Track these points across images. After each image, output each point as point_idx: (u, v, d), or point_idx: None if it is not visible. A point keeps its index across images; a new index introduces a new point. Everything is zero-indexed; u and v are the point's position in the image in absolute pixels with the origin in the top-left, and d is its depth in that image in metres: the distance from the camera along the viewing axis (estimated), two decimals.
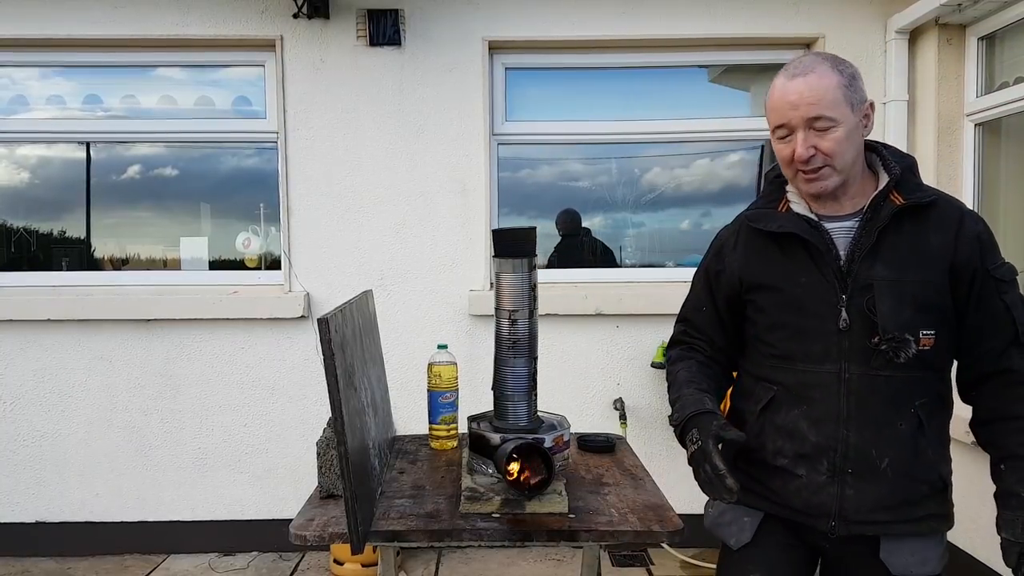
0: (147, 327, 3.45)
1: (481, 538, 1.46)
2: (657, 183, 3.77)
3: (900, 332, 1.39)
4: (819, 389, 1.45)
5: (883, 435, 1.42)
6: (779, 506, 1.52)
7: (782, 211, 1.52)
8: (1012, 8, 2.94)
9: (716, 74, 3.71)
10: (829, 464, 1.44)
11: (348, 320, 1.49)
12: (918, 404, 1.42)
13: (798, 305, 1.47)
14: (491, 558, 3.41)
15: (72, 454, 3.48)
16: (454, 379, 2.04)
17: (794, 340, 1.48)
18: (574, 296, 3.45)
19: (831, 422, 1.44)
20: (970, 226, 1.42)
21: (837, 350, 1.43)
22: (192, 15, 3.38)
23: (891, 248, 1.42)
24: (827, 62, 1.40)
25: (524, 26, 3.42)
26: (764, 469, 1.52)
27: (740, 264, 1.56)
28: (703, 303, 1.65)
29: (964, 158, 3.24)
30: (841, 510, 1.44)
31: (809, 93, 1.37)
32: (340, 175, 3.45)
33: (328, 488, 1.68)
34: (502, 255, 1.63)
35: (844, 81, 1.38)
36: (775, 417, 1.51)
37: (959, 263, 1.40)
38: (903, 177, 1.44)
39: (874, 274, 1.41)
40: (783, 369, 1.50)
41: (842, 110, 1.37)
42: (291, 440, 3.48)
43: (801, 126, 1.39)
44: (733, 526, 1.59)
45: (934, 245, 1.41)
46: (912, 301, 1.39)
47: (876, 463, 1.42)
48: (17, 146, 3.66)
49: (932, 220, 1.42)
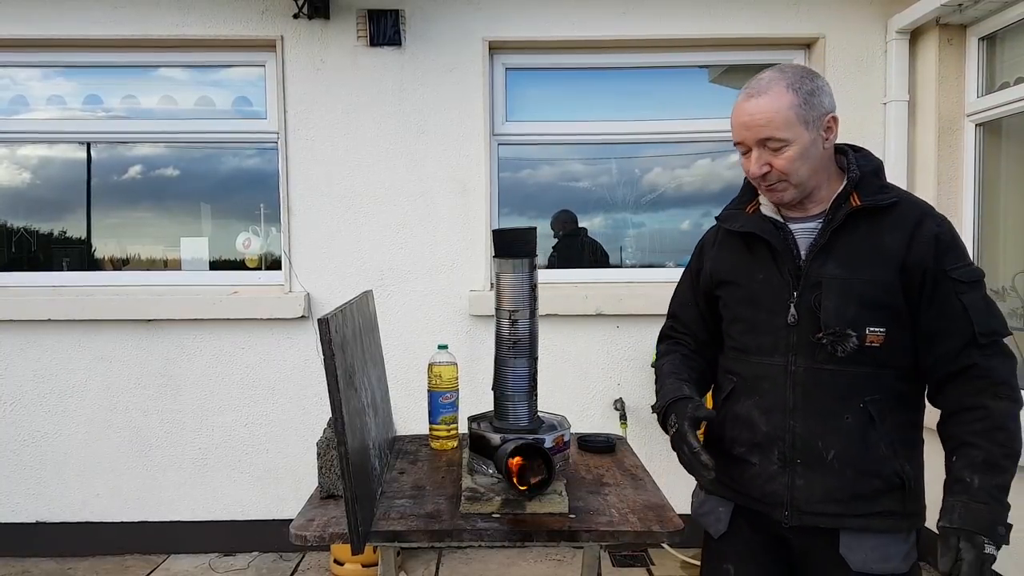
0: (147, 327, 3.45)
1: (481, 538, 1.46)
2: (657, 183, 3.77)
3: (841, 327, 1.42)
4: (768, 380, 1.52)
5: (828, 427, 1.46)
6: (741, 495, 1.58)
7: (751, 212, 1.59)
8: (1013, 8, 2.94)
9: (716, 74, 3.71)
10: (779, 453, 1.50)
11: (348, 320, 1.49)
12: (868, 400, 1.44)
13: (754, 300, 1.55)
14: (491, 558, 3.41)
15: (72, 454, 3.48)
16: (454, 379, 2.04)
17: (749, 333, 1.56)
18: (575, 296, 3.45)
19: (779, 412, 1.50)
20: (928, 227, 1.43)
21: (785, 344, 1.49)
22: (192, 15, 3.38)
23: (844, 247, 1.46)
24: (783, 81, 1.44)
25: (524, 26, 3.42)
26: (726, 459, 1.58)
27: (713, 261, 1.65)
28: (688, 300, 1.74)
29: (965, 158, 3.24)
30: (793, 499, 1.49)
31: (759, 115, 1.43)
32: (340, 175, 3.45)
33: (328, 488, 1.68)
34: (502, 255, 1.63)
35: (798, 100, 1.42)
36: (734, 407, 1.58)
37: (911, 263, 1.42)
38: (863, 180, 1.48)
39: (825, 272, 1.46)
40: (741, 361, 1.58)
41: (794, 129, 1.41)
42: (291, 440, 3.48)
43: (754, 145, 1.45)
44: (711, 516, 1.65)
45: (887, 245, 1.43)
46: (859, 298, 1.43)
47: (822, 454, 1.46)
48: (18, 146, 3.66)
49: (889, 221, 1.45)
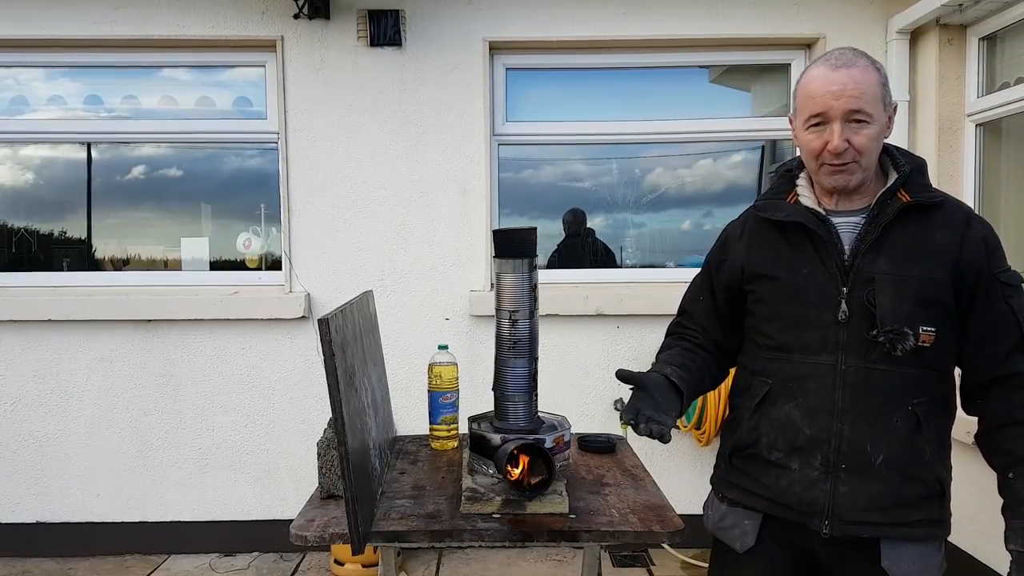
0: (148, 327, 3.45)
1: (482, 538, 1.46)
2: (658, 183, 3.77)
3: (899, 325, 1.37)
4: (814, 380, 1.44)
5: (878, 430, 1.40)
6: (774, 504, 1.49)
7: (790, 202, 1.52)
8: (1013, 8, 2.94)
9: (717, 74, 3.71)
10: (823, 458, 1.42)
11: (349, 320, 1.49)
12: (916, 402, 1.40)
13: (798, 295, 1.46)
14: (492, 558, 3.41)
15: (73, 454, 3.48)
16: (455, 379, 2.04)
17: (791, 331, 1.47)
18: (575, 296, 3.44)
19: (825, 414, 1.42)
20: (977, 228, 1.41)
21: (834, 342, 1.42)
22: (193, 15, 3.38)
23: (895, 243, 1.41)
24: (867, 58, 1.40)
25: (525, 26, 3.42)
26: (759, 465, 1.51)
27: (743, 253, 1.56)
28: (700, 292, 1.66)
29: (965, 158, 3.24)
30: (834, 507, 1.42)
31: (853, 86, 1.36)
32: (341, 175, 3.45)
33: (329, 488, 1.68)
34: (503, 255, 1.63)
35: (881, 80, 1.39)
36: (770, 411, 1.49)
37: (963, 262, 1.39)
38: (911, 176, 1.44)
39: (876, 268, 1.40)
40: (779, 361, 1.49)
41: (877, 108, 1.38)
42: (292, 440, 3.48)
43: (839, 118, 1.37)
44: (736, 529, 1.56)
45: (939, 243, 1.40)
46: (913, 295, 1.38)
47: (870, 458, 1.40)
48: (18, 147, 3.66)
49: (938, 219, 1.41)
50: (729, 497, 1.58)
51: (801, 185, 1.53)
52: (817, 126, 1.40)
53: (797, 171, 1.57)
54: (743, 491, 1.54)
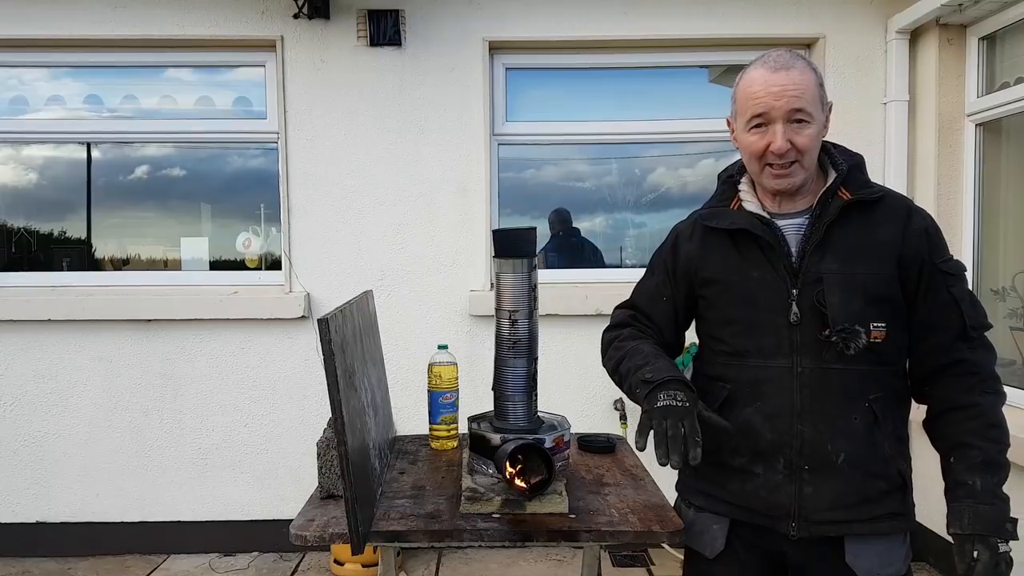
0: (147, 327, 3.46)
1: (481, 538, 1.46)
2: (658, 183, 3.77)
3: (850, 323, 1.38)
4: (772, 384, 1.44)
5: (837, 429, 1.41)
6: (741, 509, 1.50)
7: (734, 209, 1.53)
8: (1013, 8, 2.94)
9: (716, 74, 3.71)
10: (785, 461, 1.44)
11: (348, 320, 1.49)
12: (872, 398, 1.41)
13: (750, 299, 1.47)
14: (491, 558, 3.41)
15: (73, 454, 3.48)
16: (454, 379, 2.04)
17: (746, 335, 1.48)
18: (574, 296, 3.44)
19: (785, 417, 1.43)
20: (918, 220, 1.44)
21: (789, 344, 1.43)
22: (193, 15, 3.38)
23: (840, 242, 1.43)
24: (803, 60, 1.43)
25: (524, 26, 3.42)
26: (723, 471, 1.51)
27: (696, 257, 1.56)
28: (661, 295, 1.63)
29: (965, 158, 3.24)
30: (800, 509, 1.43)
31: (793, 87, 1.38)
32: (340, 175, 3.45)
33: (328, 488, 1.68)
34: (502, 255, 1.63)
35: (818, 80, 1.42)
36: (729, 416, 1.47)
37: (907, 256, 1.41)
38: (850, 174, 1.46)
39: (823, 267, 1.42)
40: (735, 366, 1.49)
41: (816, 108, 1.40)
42: (291, 440, 3.48)
43: (781, 118, 1.39)
44: (705, 535, 1.55)
45: (882, 239, 1.42)
46: (862, 293, 1.40)
47: (832, 457, 1.41)
48: (18, 147, 3.66)
49: (880, 214, 1.44)
50: (695, 504, 1.59)
51: (744, 190, 1.55)
52: (759, 127, 1.42)
53: (738, 176, 1.58)
54: (708, 497, 1.55)
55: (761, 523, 1.48)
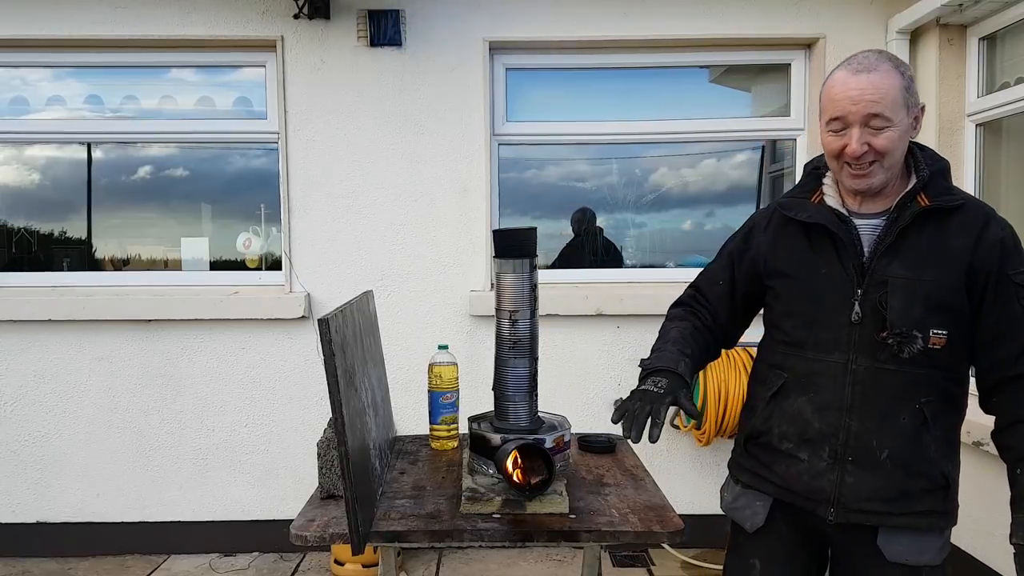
0: (148, 328, 3.45)
1: (482, 538, 1.46)
2: (658, 183, 3.77)
3: (908, 328, 1.41)
4: (826, 377, 1.49)
5: (885, 427, 1.45)
6: (783, 490, 1.56)
7: (815, 202, 1.55)
8: (1013, 8, 2.94)
9: (717, 74, 3.71)
10: (831, 450, 1.49)
11: (349, 320, 1.49)
12: (924, 401, 1.44)
13: (815, 294, 1.51)
14: (492, 558, 3.41)
15: (73, 454, 3.48)
16: (455, 379, 2.04)
17: (806, 328, 1.53)
18: (575, 296, 3.44)
19: (834, 410, 1.48)
20: (994, 231, 1.44)
21: (847, 341, 1.47)
22: (193, 15, 3.38)
23: (911, 247, 1.45)
24: (890, 61, 1.42)
25: (525, 26, 3.42)
26: (771, 453, 1.58)
27: (767, 248, 1.61)
28: (719, 277, 1.70)
29: (965, 158, 3.24)
30: (840, 496, 1.48)
31: (872, 91, 1.38)
32: (341, 175, 3.45)
33: (329, 488, 1.68)
34: (503, 255, 1.63)
35: (904, 83, 1.41)
36: (783, 403, 1.55)
37: (977, 266, 1.42)
38: (931, 179, 1.47)
39: (891, 271, 1.44)
40: (794, 356, 1.55)
41: (898, 111, 1.40)
42: (292, 440, 3.48)
43: (858, 122, 1.40)
44: (747, 510, 1.63)
45: (954, 247, 1.43)
46: (924, 300, 1.42)
47: (876, 453, 1.46)
48: (18, 147, 3.66)
49: (956, 223, 1.44)
50: (742, 480, 1.66)
51: (827, 184, 1.57)
52: (838, 130, 1.44)
53: (824, 169, 1.59)
54: (755, 475, 1.62)
55: (802, 505, 1.54)
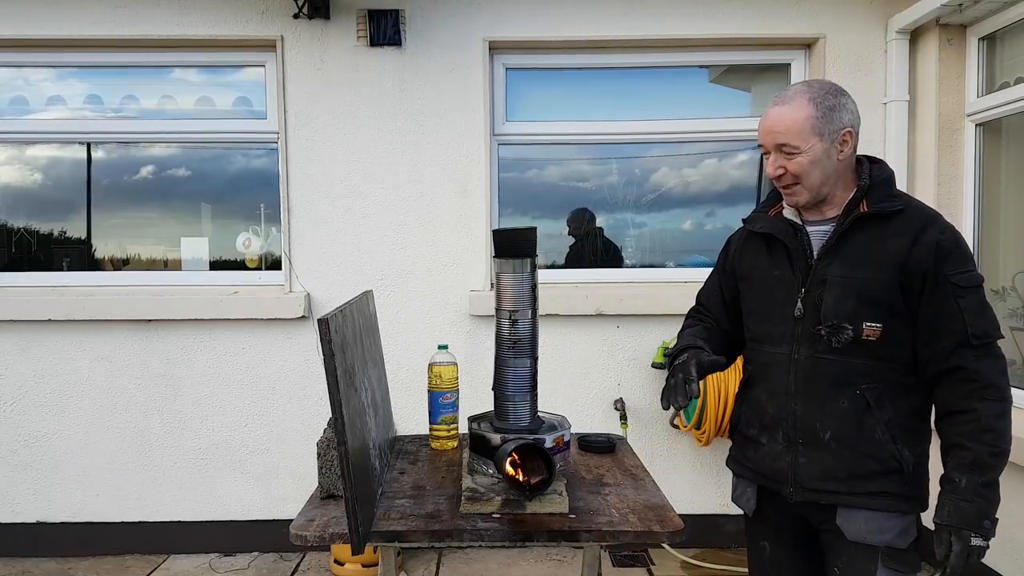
0: (148, 327, 3.46)
1: (482, 538, 1.46)
2: (658, 183, 3.77)
3: (838, 320, 1.57)
4: (775, 368, 1.67)
5: (826, 410, 1.60)
6: (757, 474, 1.73)
7: (773, 215, 1.74)
8: (1013, 8, 2.94)
9: (717, 74, 3.71)
10: (783, 434, 1.65)
11: (348, 320, 1.49)
12: (863, 387, 1.57)
13: (769, 294, 1.70)
14: (491, 558, 3.41)
15: (73, 454, 3.48)
16: (455, 379, 2.04)
17: (762, 324, 1.72)
18: (575, 296, 3.44)
19: (782, 396, 1.65)
20: (931, 234, 1.54)
21: (791, 334, 1.65)
22: (192, 15, 3.38)
23: (850, 249, 1.59)
24: (806, 94, 1.58)
25: (525, 26, 3.42)
26: (744, 440, 1.77)
27: (737, 257, 1.82)
28: (713, 290, 1.90)
29: (965, 158, 3.24)
30: (796, 476, 1.64)
31: (779, 122, 1.58)
32: (340, 175, 3.45)
33: (329, 488, 1.68)
34: (503, 255, 1.63)
35: (817, 114, 1.56)
36: (748, 393, 1.76)
37: (911, 266, 1.53)
38: (872, 188, 1.61)
39: (830, 271, 1.60)
40: (755, 350, 1.75)
41: (808, 139, 1.56)
42: (292, 440, 3.48)
43: (772, 149, 1.61)
44: (743, 497, 1.79)
45: (889, 248, 1.56)
46: (857, 295, 1.56)
47: (820, 434, 1.61)
48: (18, 147, 3.66)
49: (894, 226, 1.57)
50: (734, 470, 1.83)
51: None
52: (765, 155, 1.66)
53: None
54: (739, 463, 1.80)
55: (771, 487, 1.70)
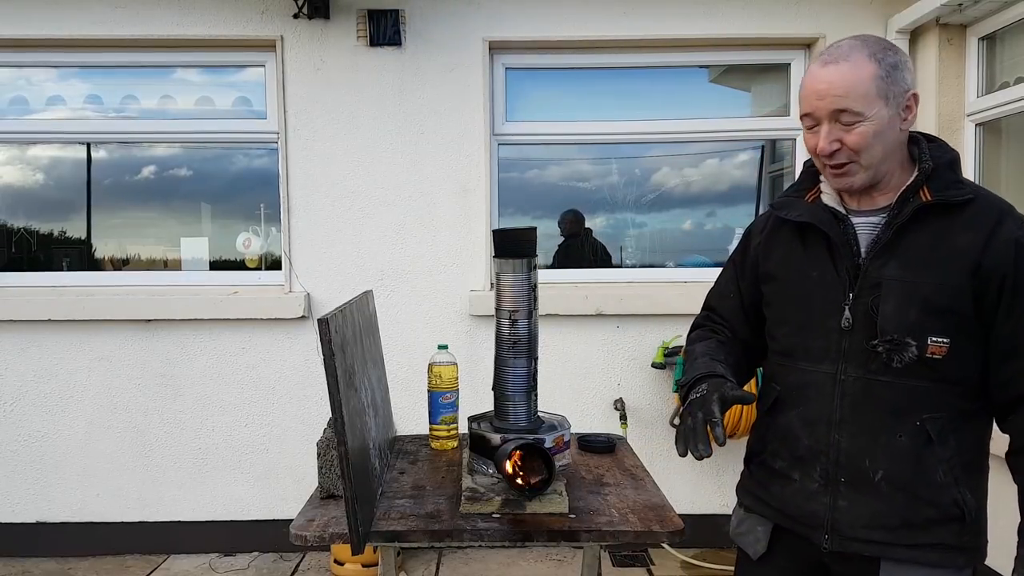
0: (148, 327, 3.45)
1: (481, 538, 1.46)
2: (658, 183, 3.77)
3: (900, 335, 1.29)
4: (814, 389, 1.39)
5: (879, 444, 1.33)
6: (780, 514, 1.46)
7: (810, 201, 1.44)
8: (1013, 8, 2.94)
9: (716, 74, 3.71)
10: (821, 470, 1.37)
11: (348, 320, 1.49)
12: (926, 417, 1.30)
13: (805, 299, 1.41)
14: (491, 558, 3.41)
15: (73, 454, 3.48)
16: (454, 379, 2.04)
17: (796, 336, 1.42)
18: (574, 296, 3.44)
19: (823, 425, 1.37)
20: (1009, 228, 1.27)
21: (836, 350, 1.36)
22: (192, 15, 3.38)
23: (910, 247, 1.31)
24: (865, 49, 1.29)
25: (524, 26, 3.42)
26: (767, 473, 1.48)
27: (761, 252, 1.52)
28: (728, 291, 1.60)
29: (965, 158, 3.24)
30: (834, 522, 1.36)
31: (839, 84, 1.28)
32: (340, 175, 3.45)
33: (328, 488, 1.68)
34: (502, 255, 1.63)
35: (880, 72, 1.27)
36: (776, 419, 1.46)
37: (987, 267, 1.26)
38: (935, 172, 1.33)
39: (885, 273, 1.32)
40: (785, 367, 1.45)
41: (873, 103, 1.27)
42: (291, 440, 3.48)
43: (826, 118, 1.30)
44: (750, 536, 1.53)
45: (959, 246, 1.28)
46: (921, 303, 1.28)
47: (869, 474, 1.33)
48: (17, 147, 3.66)
49: (963, 219, 1.29)
50: (745, 504, 1.56)
51: (825, 181, 1.45)
52: (811, 127, 1.34)
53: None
54: (755, 498, 1.52)
55: (799, 531, 1.43)
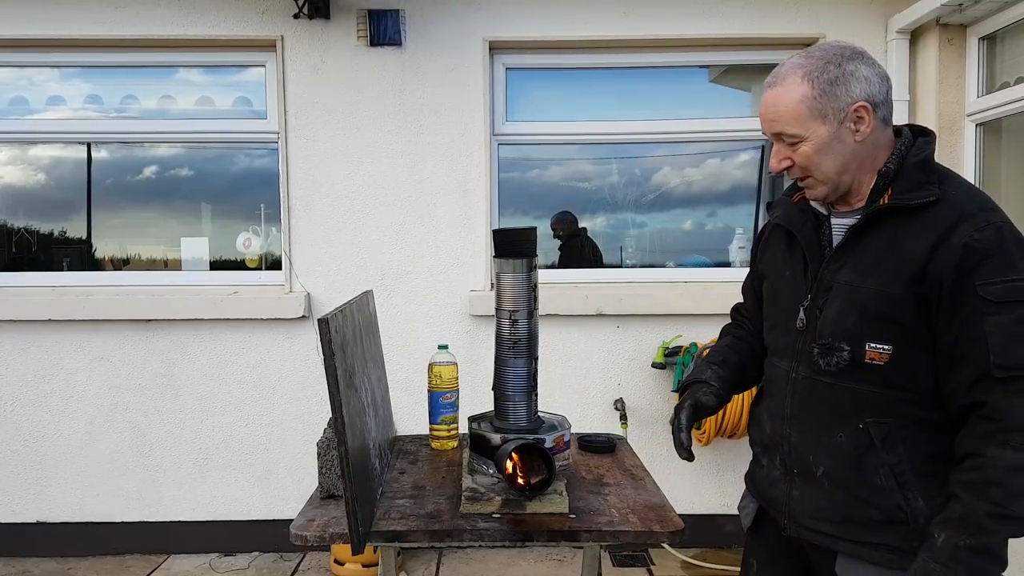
0: (148, 327, 3.45)
1: (482, 538, 1.46)
2: (658, 183, 3.77)
3: (834, 339, 1.32)
4: (776, 384, 1.47)
5: (820, 442, 1.37)
6: (759, 495, 1.56)
7: (795, 201, 1.47)
8: (1013, 8, 2.94)
9: (717, 74, 3.71)
10: (780, 460, 1.45)
11: (348, 320, 1.49)
12: (870, 421, 1.30)
13: (777, 298, 1.49)
14: (491, 558, 3.41)
15: (73, 454, 3.48)
16: (455, 379, 2.04)
17: (771, 333, 1.52)
18: (574, 296, 3.44)
19: (779, 418, 1.45)
20: (962, 233, 1.22)
21: (792, 349, 1.42)
22: (192, 15, 3.38)
23: (863, 251, 1.32)
24: (800, 70, 1.30)
25: (525, 26, 3.42)
26: (753, 457, 1.60)
27: (760, 251, 1.60)
28: (748, 289, 1.69)
29: (965, 158, 3.24)
30: (791, 509, 1.44)
31: (771, 108, 1.33)
32: (341, 175, 3.45)
33: (329, 488, 1.68)
34: (502, 255, 1.63)
35: (813, 93, 1.27)
36: (756, 407, 1.58)
37: (931, 274, 1.23)
38: (901, 173, 1.31)
39: (839, 277, 1.34)
40: (767, 361, 1.55)
41: (806, 124, 1.29)
42: (292, 440, 3.48)
43: (773, 138, 1.36)
44: (744, 510, 1.64)
45: (908, 252, 1.26)
46: (861, 310, 1.29)
47: (811, 468, 1.38)
48: (18, 147, 3.66)
49: (921, 223, 1.26)
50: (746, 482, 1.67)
51: None
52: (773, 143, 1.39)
53: None
54: (748, 478, 1.63)
55: (771, 512, 1.52)
